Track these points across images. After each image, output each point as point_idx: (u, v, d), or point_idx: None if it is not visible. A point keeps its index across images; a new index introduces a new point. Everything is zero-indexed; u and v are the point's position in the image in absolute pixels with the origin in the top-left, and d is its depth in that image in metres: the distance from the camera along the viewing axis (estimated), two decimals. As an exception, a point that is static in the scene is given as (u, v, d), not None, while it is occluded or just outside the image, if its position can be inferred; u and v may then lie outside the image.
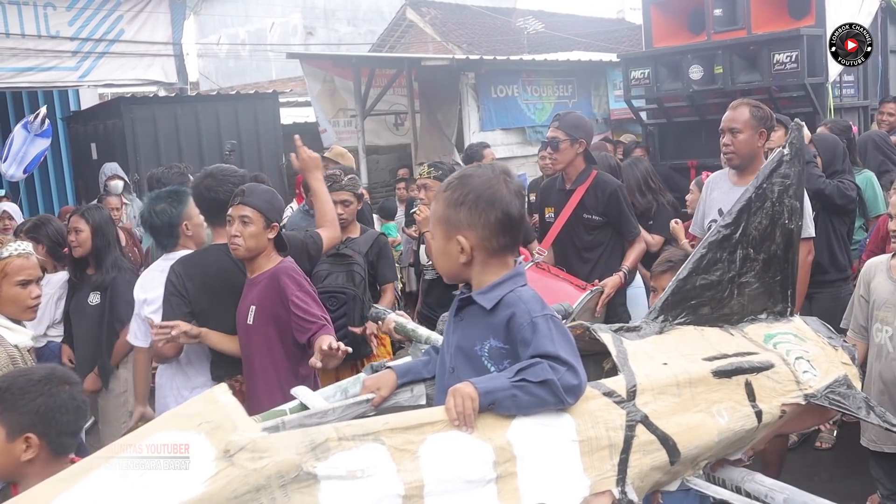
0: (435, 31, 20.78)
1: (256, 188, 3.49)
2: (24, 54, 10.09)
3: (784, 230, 2.62)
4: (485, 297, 2.02)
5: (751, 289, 2.58)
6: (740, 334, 2.50)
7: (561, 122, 4.54)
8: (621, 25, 22.34)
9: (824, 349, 2.56)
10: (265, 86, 18.28)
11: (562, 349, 1.90)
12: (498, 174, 2.06)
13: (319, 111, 12.65)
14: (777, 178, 2.60)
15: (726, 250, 2.52)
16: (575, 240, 4.53)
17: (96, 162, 9.77)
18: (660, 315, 2.47)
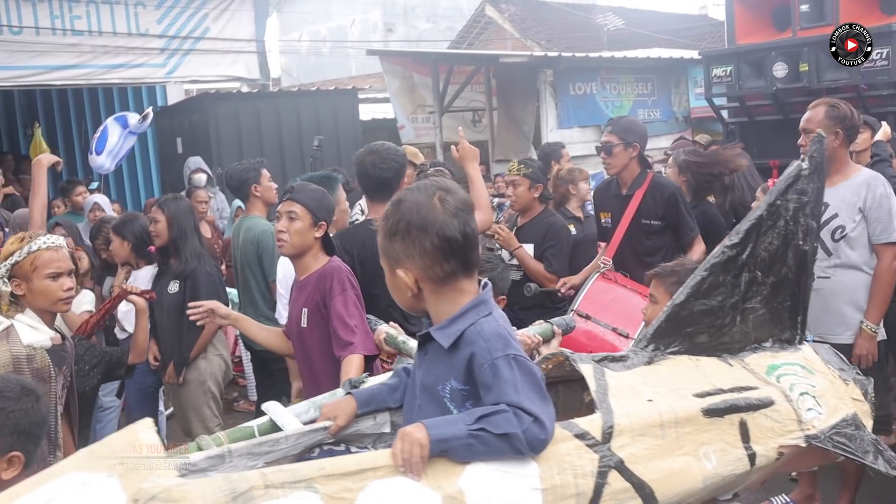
0: (514, 28, 20.72)
1: (306, 186, 3.51)
2: (115, 52, 10.45)
3: (797, 251, 2.40)
4: (443, 334, 1.86)
5: (756, 315, 2.36)
6: (740, 365, 2.29)
7: (614, 126, 4.54)
8: (704, 21, 21.89)
9: (834, 383, 2.33)
10: (345, 82, 18.51)
11: (527, 397, 1.72)
12: (432, 194, 1.87)
13: (398, 107, 12.78)
14: (793, 194, 2.39)
15: (731, 273, 2.31)
16: (635, 245, 4.48)
17: (181, 156, 10.06)
18: (650, 343, 2.25)
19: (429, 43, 23.29)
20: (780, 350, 2.40)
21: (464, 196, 1.91)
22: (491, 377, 1.75)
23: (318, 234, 3.40)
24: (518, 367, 1.76)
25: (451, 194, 1.88)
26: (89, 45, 10.26)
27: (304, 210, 3.35)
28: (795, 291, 2.43)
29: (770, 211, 2.35)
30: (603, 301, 4.15)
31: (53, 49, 10.06)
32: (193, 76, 11.36)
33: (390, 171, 3.67)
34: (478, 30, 21.96)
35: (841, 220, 3.89)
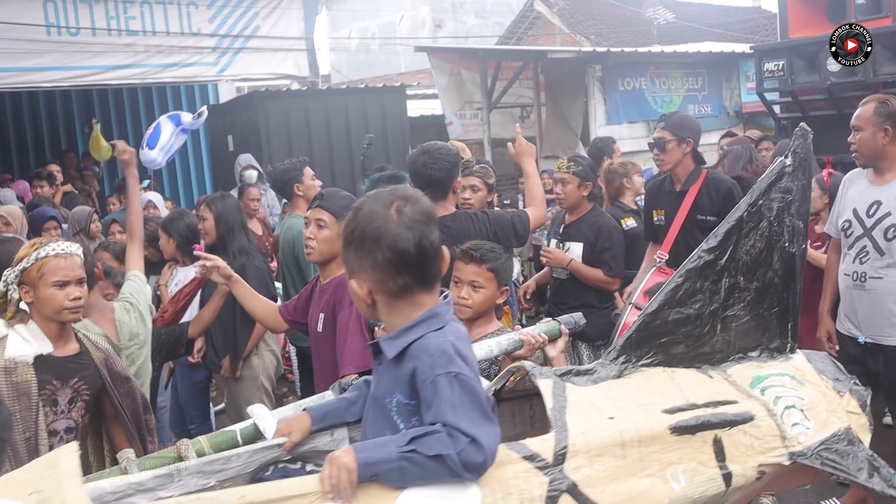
0: (563, 23, 20.60)
1: (336, 193, 3.52)
2: (168, 51, 10.65)
3: (784, 254, 2.24)
4: (390, 345, 1.79)
5: (739, 323, 2.21)
6: (722, 377, 2.14)
7: (667, 122, 4.47)
8: (757, 14, 21.51)
9: (826, 395, 2.17)
10: (394, 78, 18.61)
11: (465, 418, 1.62)
12: (389, 203, 1.78)
13: (446, 104, 12.81)
14: (777, 193, 2.23)
15: (708, 279, 2.16)
16: (690, 242, 4.35)
17: (232, 153, 10.22)
18: (621, 355, 2.11)
19: (477, 39, 23.28)
20: (769, 360, 2.25)
21: (425, 207, 1.81)
22: (431, 395, 1.66)
23: None
24: (459, 385, 1.65)
25: (412, 204, 1.79)
26: (143, 45, 10.47)
27: (333, 218, 3.36)
28: (784, 297, 2.27)
29: (751, 212, 2.21)
30: None
31: (109, 49, 10.29)
32: (244, 74, 11.52)
33: (442, 170, 3.69)
34: (526, 25, 21.89)
35: (894, 219, 3.81)
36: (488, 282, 3.04)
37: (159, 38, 10.58)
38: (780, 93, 7.97)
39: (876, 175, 3.96)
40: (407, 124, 11.64)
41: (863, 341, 3.97)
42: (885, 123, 3.82)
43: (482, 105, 12.59)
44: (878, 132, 3.84)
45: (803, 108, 7.70)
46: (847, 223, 4.01)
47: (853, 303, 3.99)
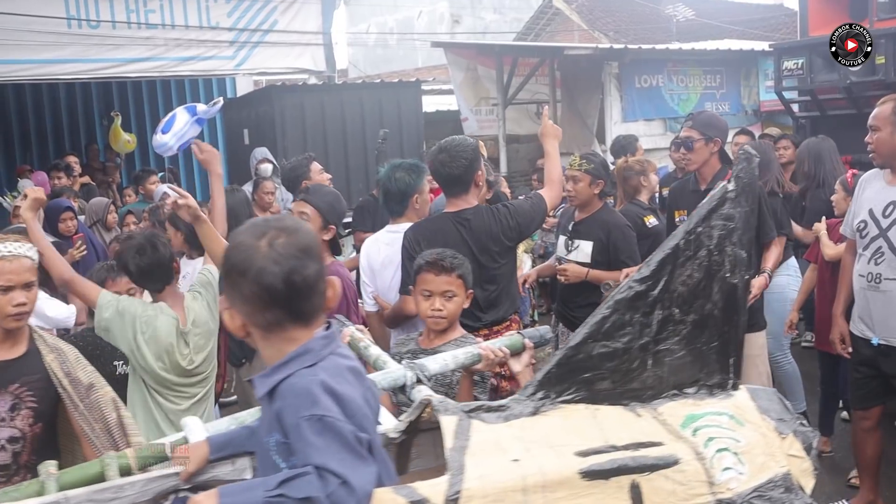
0: (581, 19, 20.53)
1: (321, 189, 3.61)
2: (186, 45, 10.71)
3: (724, 285, 2.09)
4: (262, 382, 1.71)
5: (673, 358, 2.05)
6: (651, 415, 1.99)
7: (695, 121, 4.42)
8: (779, 12, 21.32)
9: (766, 436, 2.02)
10: (410, 73, 18.62)
11: (335, 459, 1.54)
12: (261, 234, 1.68)
13: (461, 99, 12.80)
14: (718, 220, 2.08)
15: (639, 311, 2.01)
16: None
17: (247, 147, 10.26)
18: (539, 390, 1.95)
19: (495, 34, 23.24)
20: (707, 397, 2.10)
21: (301, 240, 1.70)
22: (296, 439, 1.58)
23: (327, 237, 3.48)
24: (323, 428, 1.56)
25: (286, 236, 1.68)
26: (162, 39, 10.53)
27: (316, 212, 3.44)
28: (724, 330, 2.12)
29: (689, 240, 2.05)
30: None
31: (128, 42, 10.36)
32: (261, 68, 11.57)
33: (460, 167, 3.70)
34: (545, 21, 21.83)
35: (911, 221, 3.77)
36: (459, 289, 3.06)
37: (178, 31, 10.64)
38: (799, 91, 7.92)
39: (893, 175, 3.92)
40: (422, 119, 11.65)
41: (876, 343, 3.94)
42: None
43: (498, 101, 12.57)
44: (895, 132, 3.80)
45: (822, 107, 7.66)
46: (863, 224, 3.98)
47: (867, 304, 3.95)
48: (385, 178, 4.05)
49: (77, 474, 1.92)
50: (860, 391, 4.16)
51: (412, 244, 3.65)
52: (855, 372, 4.17)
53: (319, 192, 3.57)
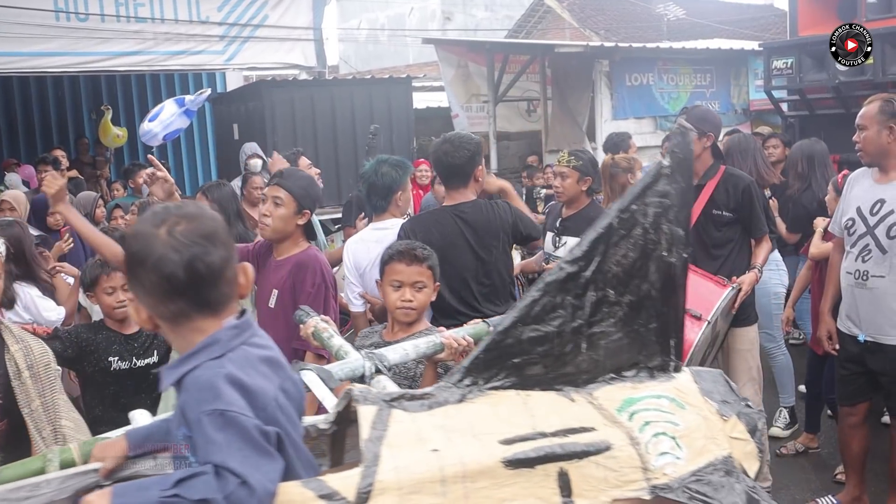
0: (572, 17, 20.57)
1: (295, 173, 3.56)
2: (176, 39, 10.64)
3: (661, 264, 2.01)
4: (168, 373, 1.64)
5: (609, 340, 1.98)
6: (586, 400, 1.93)
7: (689, 115, 4.43)
8: (769, 12, 21.43)
9: (708, 419, 1.95)
10: (401, 70, 18.59)
11: (235, 456, 1.47)
12: (160, 222, 1.61)
13: (452, 96, 12.79)
14: (653, 197, 1.99)
15: (571, 293, 1.92)
16: (704, 236, 4.40)
17: (237, 142, 10.23)
18: (466, 377, 1.87)
19: (486, 32, 23.25)
20: (647, 380, 2.03)
21: (203, 226, 1.62)
22: (197, 434, 1.51)
23: (301, 222, 3.45)
24: (224, 423, 1.49)
25: (187, 223, 1.60)
26: (152, 32, 10.47)
27: (290, 197, 3.38)
28: (663, 311, 2.05)
29: (623, 218, 1.96)
30: None
31: (117, 36, 10.29)
32: (251, 63, 11.51)
33: (462, 157, 3.74)
34: (536, 19, 21.85)
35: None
36: (429, 280, 3.05)
37: (168, 25, 10.57)
38: (789, 91, 7.96)
39: (881, 174, 3.95)
40: (412, 116, 11.64)
41: (863, 340, 3.96)
42: (889, 122, 3.81)
43: (488, 98, 12.57)
44: (882, 130, 3.83)
45: (811, 106, 7.70)
46: (851, 221, 4.00)
47: (854, 301, 3.98)
48: (370, 172, 4.07)
49: (17, 471, 1.84)
50: (847, 388, 4.19)
51: (409, 236, 3.68)
52: (842, 369, 4.20)
53: (293, 176, 3.52)
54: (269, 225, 3.43)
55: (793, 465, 5.03)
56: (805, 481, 4.85)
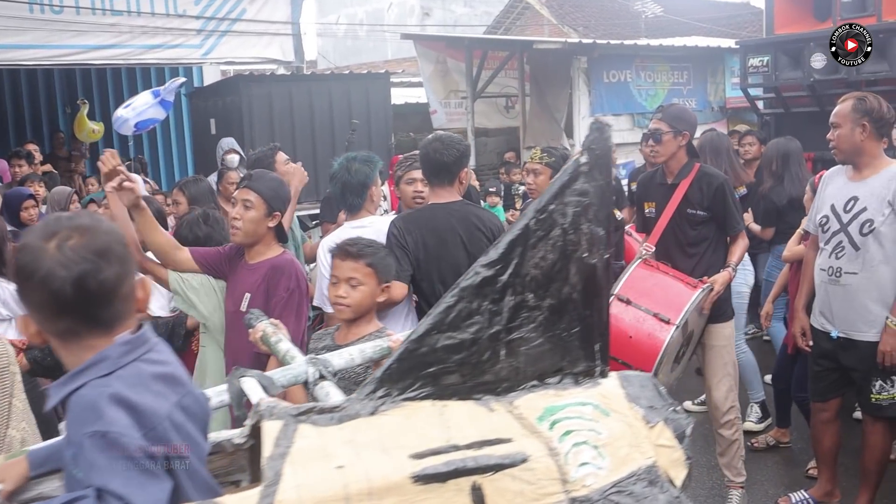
0: (551, 14, 20.61)
1: (265, 175, 3.52)
2: (153, 32, 10.55)
3: (582, 266, 1.93)
4: (55, 391, 1.58)
5: (530, 346, 1.91)
6: (505, 409, 1.85)
7: (664, 113, 4.43)
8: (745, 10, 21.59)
9: (633, 426, 1.88)
10: (380, 65, 18.56)
11: (117, 478, 1.41)
12: (50, 235, 1.53)
13: (430, 92, 12.79)
14: (571, 196, 1.91)
15: (488, 298, 1.85)
16: (679, 235, 4.40)
17: (214, 137, 10.16)
18: (379, 388, 1.79)
19: (465, 28, 23.23)
20: (571, 387, 1.96)
21: (99, 241, 1.55)
22: (80, 456, 1.45)
23: (272, 224, 3.40)
24: (106, 445, 1.44)
25: (79, 236, 1.53)
26: (128, 26, 10.37)
27: (260, 199, 3.34)
28: (586, 314, 1.97)
29: (540, 219, 1.88)
30: (644, 287, 4.13)
31: (93, 29, 10.18)
32: (229, 57, 11.45)
33: (451, 156, 3.79)
34: (514, 15, 21.87)
35: (870, 214, 3.84)
36: (367, 278, 3.00)
37: (144, 18, 10.48)
38: (764, 88, 8.01)
39: (854, 172, 3.99)
40: (390, 112, 11.62)
41: (836, 336, 4.00)
42: (862, 120, 3.85)
43: (467, 94, 12.57)
44: (855, 128, 3.86)
45: (786, 104, 7.75)
46: (825, 218, 4.04)
47: (828, 298, 4.02)
48: (342, 170, 4.06)
49: None
50: (820, 384, 4.23)
51: (401, 232, 3.70)
52: (815, 365, 4.24)
53: (263, 178, 3.47)
54: (239, 228, 3.38)
55: (765, 459, 5.08)
56: (777, 476, 4.91)
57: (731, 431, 4.38)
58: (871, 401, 4.00)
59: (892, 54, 6.64)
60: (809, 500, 4.40)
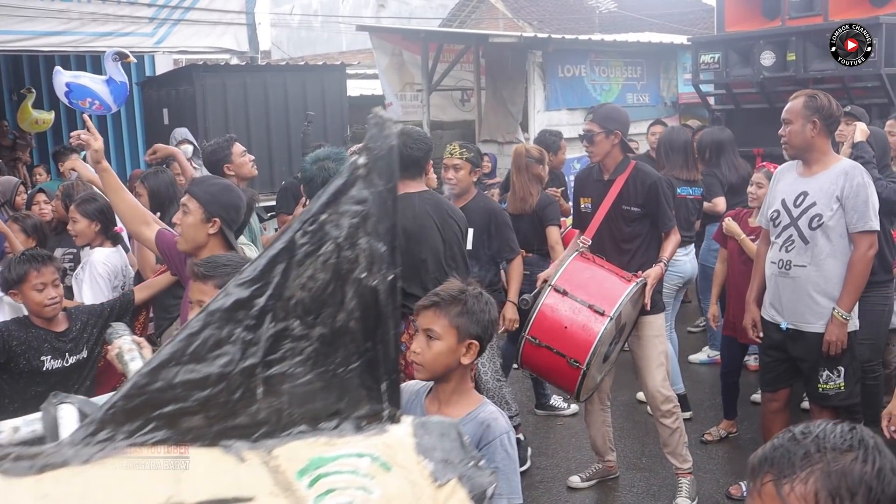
0: (506, 8, 20.68)
1: (206, 180, 3.47)
2: (103, 19, 10.35)
3: (361, 289, 1.58)
4: None
5: (295, 384, 1.55)
6: (260, 460, 1.51)
7: (595, 114, 4.54)
8: (697, 7, 21.88)
9: (416, 484, 1.55)
10: (335, 57, 18.43)
11: None
12: None
13: (386, 84, 12.75)
14: (347, 204, 1.57)
15: (241, 324, 1.51)
16: (614, 231, 4.50)
17: (167, 127, 10.02)
18: (100, 430, 1.45)
19: (420, 20, 23.19)
20: (350, 434, 1.60)
21: None
22: None
23: (212, 231, 3.27)
24: None
25: None
26: (78, 12, 10.16)
27: (197, 204, 3.24)
28: (367, 347, 1.62)
29: (309, 231, 1.54)
30: (580, 279, 4.21)
31: (41, 15, 9.95)
32: (182, 47, 11.28)
33: (420, 150, 4.04)
34: (469, 8, 21.90)
35: (819, 209, 3.94)
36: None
37: (94, 5, 10.28)
38: (715, 85, 8.16)
39: (804, 167, 4.08)
40: (346, 103, 11.58)
41: (785, 328, 4.11)
42: (813, 116, 3.94)
43: (422, 87, 12.56)
44: (806, 125, 3.95)
45: (737, 100, 7.91)
46: (776, 213, 4.14)
47: (778, 290, 4.12)
48: (310, 168, 4.14)
49: None
50: (769, 374, 4.34)
51: None
52: (765, 356, 4.35)
53: (203, 183, 3.39)
54: (180, 234, 3.30)
55: (717, 450, 5.20)
56: (728, 465, 5.02)
57: (671, 419, 4.46)
58: (818, 390, 4.11)
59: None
60: (759, 487, 4.51)
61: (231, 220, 3.34)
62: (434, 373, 2.47)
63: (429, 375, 2.49)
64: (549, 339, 4.10)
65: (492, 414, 2.45)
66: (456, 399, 2.50)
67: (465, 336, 2.45)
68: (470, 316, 2.45)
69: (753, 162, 7.03)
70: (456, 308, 2.45)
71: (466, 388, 2.53)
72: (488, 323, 2.50)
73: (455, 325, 2.44)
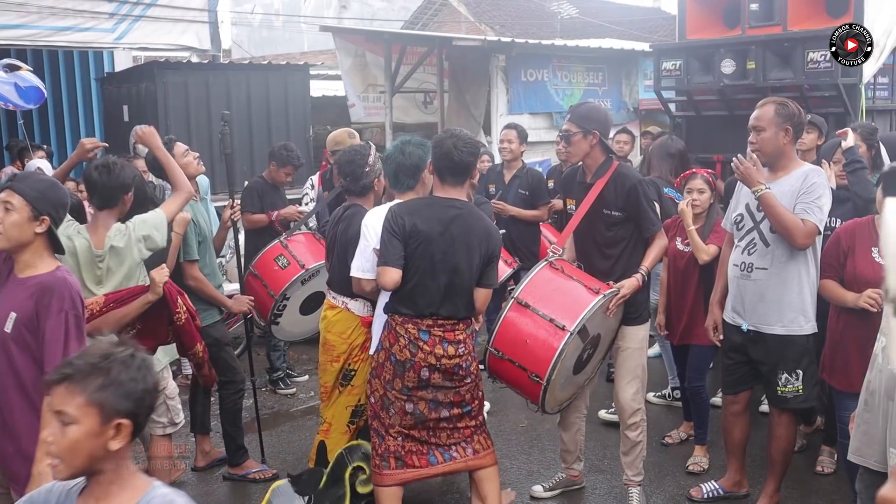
0: (468, 11, 20.74)
1: (31, 176, 3.28)
2: (62, 14, 10.17)
3: None
4: None
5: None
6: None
7: (573, 114, 4.37)
8: (657, 15, 22.17)
9: None
10: (297, 57, 18.31)
11: None
12: None
13: (349, 85, 12.72)
14: None
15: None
16: (595, 235, 4.33)
17: (127, 124, 9.87)
18: None
19: (382, 22, 23.15)
20: None
21: None
22: None
23: (40, 230, 3.08)
24: None
25: None
26: (36, 6, 9.96)
27: (23, 201, 3.05)
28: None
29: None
30: (544, 291, 4.07)
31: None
32: (143, 43, 11.12)
33: (472, 155, 3.94)
34: (432, 11, 21.93)
35: (779, 213, 4.01)
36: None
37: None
38: (677, 91, 8.24)
39: (770, 173, 4.11)
40: (309, 104, 11.53)
41: (746, 329, 4.18)
42: (785, 124, 3.99)
43: (385, 89, 12.55)
44: (779, 132, 4.00)
45: (697, 107, 8.01)
46: (740, 217, 4.22)
47: (740, 292, 4.19)
48: (397, 153, 4.16)
49: None
50: (730, 377, 4.40)
51: (396, 218, 3.84)
52: (726, 358, 4.40)
53: (28, 178, 3.18)
54: (1, 233, 3.04)
55: (677, 452, 5.26)
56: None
57: (636, 433, 4.42)
58: (777, 393, 4.19)
59: (797, 62, 6.94)
60: (719, 489, 4.58)
61: (59, 218, 3.20)
62: (75, 468, 1.89)
63: (70, 472, 1.90)
64: (511, 352, 4.00)
65: (165, 497, 1.96)
66: (116, 491, 1.94)
67: (112, 415, 1.88)
68: (116, 388, 1.88)
69: (714, 168, 7.14)
70: (96, 381, 1.88)
71: (127, 474, 1.97)
72: (143, 394, 1.93)
73: (96, 402, 1.87)
